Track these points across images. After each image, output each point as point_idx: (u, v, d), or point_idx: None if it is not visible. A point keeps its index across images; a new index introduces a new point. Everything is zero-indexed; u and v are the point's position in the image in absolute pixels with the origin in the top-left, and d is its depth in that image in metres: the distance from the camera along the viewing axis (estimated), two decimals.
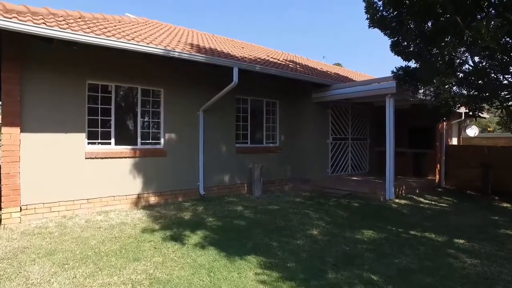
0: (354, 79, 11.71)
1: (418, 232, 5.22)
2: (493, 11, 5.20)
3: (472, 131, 20.25)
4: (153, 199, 6.94)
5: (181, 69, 7.30)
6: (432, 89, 5.35)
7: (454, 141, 13.50)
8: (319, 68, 11.39)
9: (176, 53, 6.20)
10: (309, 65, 11.18)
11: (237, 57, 7.68)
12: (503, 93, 6.06)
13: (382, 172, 11.26)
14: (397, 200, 7.68)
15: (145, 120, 7.05)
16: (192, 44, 7.53)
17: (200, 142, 7.63)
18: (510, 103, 6.20)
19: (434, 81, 5.44)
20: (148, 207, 6.66)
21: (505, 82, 5.73)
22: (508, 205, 7.73)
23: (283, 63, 9.57)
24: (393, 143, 7.78)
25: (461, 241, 4.85)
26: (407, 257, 4.14)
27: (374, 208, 6.86)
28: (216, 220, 5.76)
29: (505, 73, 5.33)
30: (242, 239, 4.71)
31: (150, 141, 7.09)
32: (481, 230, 5.47)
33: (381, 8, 7.00)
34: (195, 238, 4.74)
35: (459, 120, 11.91)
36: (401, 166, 9.63)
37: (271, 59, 9.24)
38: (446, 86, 5.63)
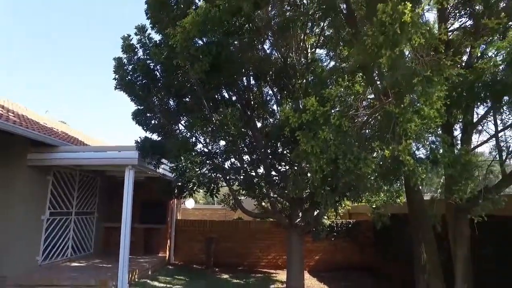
0: (87, 143, 10.18)
1: None
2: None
3: (190, 204, 22.86)
4: None
5: None
6: (180, 165, 5.20)
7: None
8: (41, 123, 9.06)
9: None
10: (28, 116, 8.68)
11: None
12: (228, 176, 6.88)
13: (109, 252, 9.82)
14: None
15: None
16: None
17: None
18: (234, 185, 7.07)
19: (182, 157, 5.31)
20: None
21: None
22: (227, 276, 8.48)
23: None
24: (130, 221, 6.86)
25: None
26: None
27: None
28: None
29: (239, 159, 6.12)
30: None
31: None
32: None
33: (131, 72, 6.56)
34: None
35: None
36: (132, 243, 8.69)
37: None
38: (190, 165, 5.64)
